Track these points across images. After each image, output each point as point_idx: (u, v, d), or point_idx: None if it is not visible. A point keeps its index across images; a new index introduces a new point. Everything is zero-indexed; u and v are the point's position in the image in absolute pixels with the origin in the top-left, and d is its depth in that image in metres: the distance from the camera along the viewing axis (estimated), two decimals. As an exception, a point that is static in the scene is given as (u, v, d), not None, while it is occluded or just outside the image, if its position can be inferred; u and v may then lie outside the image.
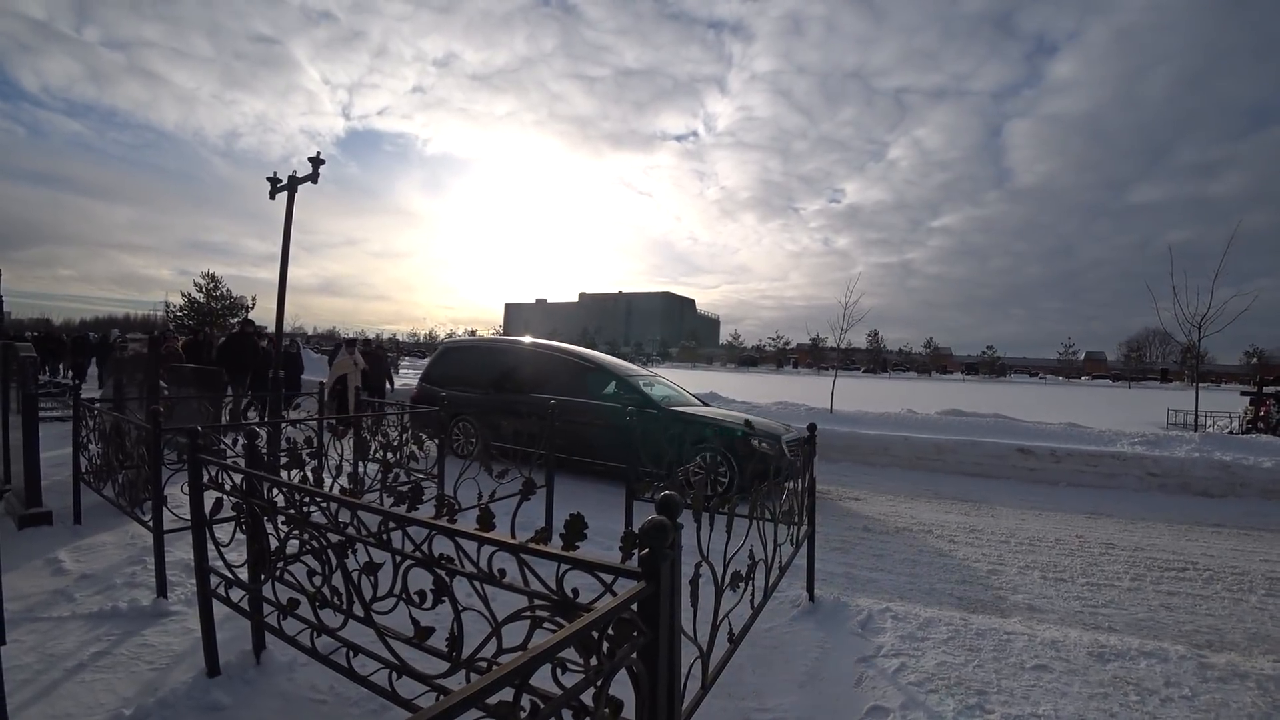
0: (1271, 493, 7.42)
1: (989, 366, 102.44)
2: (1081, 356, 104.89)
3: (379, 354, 12.45)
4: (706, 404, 8.54)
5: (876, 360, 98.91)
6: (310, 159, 8.66)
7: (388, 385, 12.58)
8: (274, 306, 8.81)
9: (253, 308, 35.59)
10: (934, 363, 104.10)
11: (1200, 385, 15.29)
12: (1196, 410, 14.20)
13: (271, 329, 9.51)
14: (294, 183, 8.63)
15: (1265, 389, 16.13)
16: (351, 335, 13.16)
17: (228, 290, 37.53)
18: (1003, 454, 8.71)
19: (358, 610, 2.06)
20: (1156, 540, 5.64)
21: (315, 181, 8.73)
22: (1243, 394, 17.19)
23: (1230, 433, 13.53)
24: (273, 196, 8.82)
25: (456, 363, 9.33)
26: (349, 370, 10.33)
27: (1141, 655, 3.18)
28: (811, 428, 4.17)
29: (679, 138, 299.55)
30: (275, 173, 8.82)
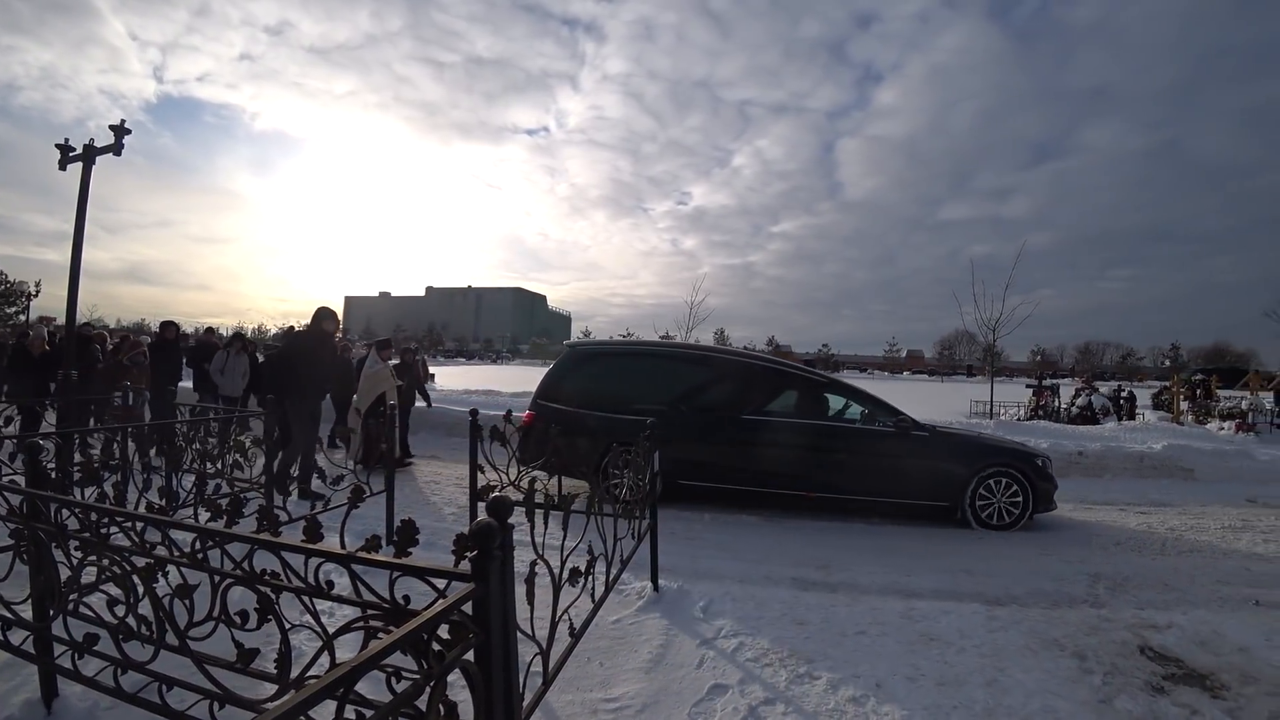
0: (1045, 469, 8.75)
1: (824, 363, 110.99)
2: (904, 354, 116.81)
3: (409, 360, 9.40)
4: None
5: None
6: (113, 127, 7.62)
7: (422, 402, 9.79)
8: (64, 294, 7.63)
9: (36, 295, 30.66)
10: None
11: (996, 379, 17.68)
12: (992, 400, 16.44)
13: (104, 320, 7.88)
14: (91, 152, 7.56)
15: (1044, 382, 19.04)
16: (383, 336, 9.23)
17: (1, 273, 32.07)
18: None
19: (171, 639, 1.88)
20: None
21: (118, 153, 7.69)
22: (1027, 386, 20.06)
23: (1018, 419, 15.73)
24: (63, 167, 7.65)
25: (600, 374, 6.94)
26: (388, 386, 7.62)
27: (942, 614, 3.67)
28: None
29: (530, 132, 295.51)
30: (67, 139, 7.64)
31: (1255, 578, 4.74)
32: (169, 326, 9.52)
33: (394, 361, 8.51)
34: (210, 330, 12.46)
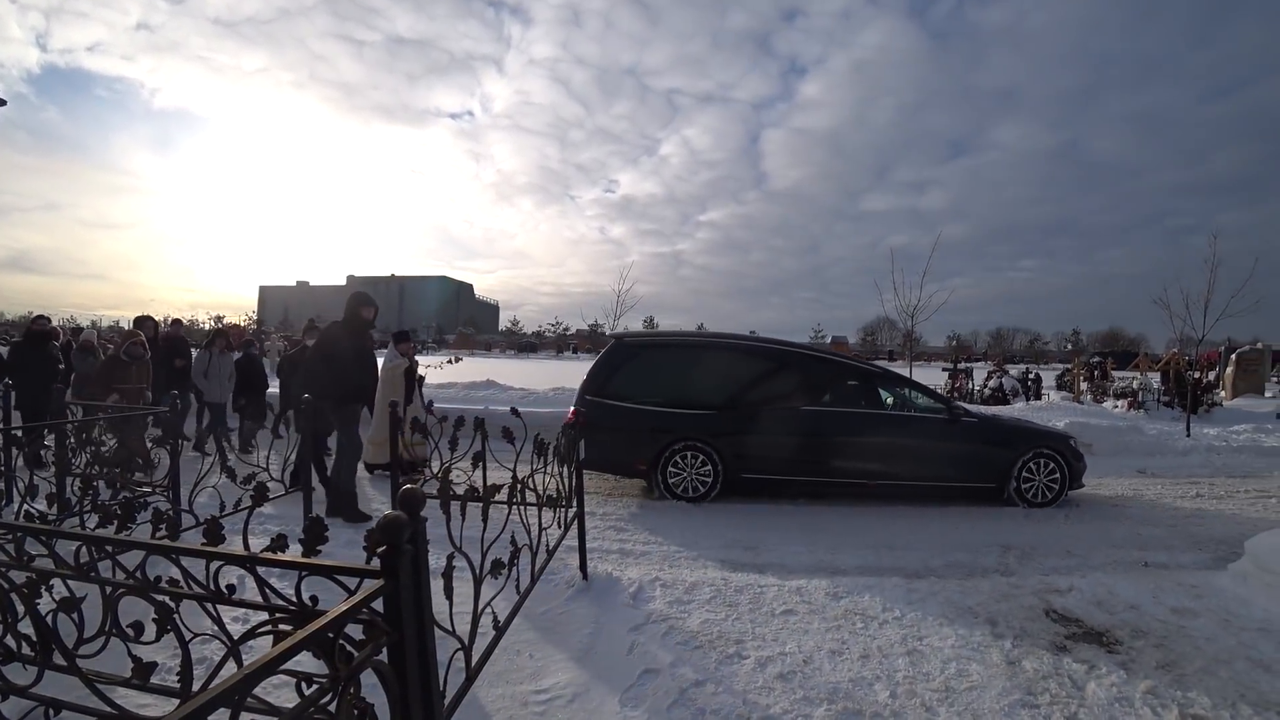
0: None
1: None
2: (829, 340, 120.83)
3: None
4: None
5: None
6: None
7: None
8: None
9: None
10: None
11: (915, 363, 18.48)
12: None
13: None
14: (-38, 135, 6.84)
15: (959, 366, 20.04)
16: (401, 328, 7.72)
17: None
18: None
19: (58, 659, 1.74)
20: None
21: (-7, 135, 6.98)
22: (944, 369, 21.07)
23: (936, 401, 16.51)
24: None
25: (652, 368, 6.64)
26: (409, 383, 6.93)
27: (866, 590, 3.80)
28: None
29: (454, 116, 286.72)
30: (-68, 116, 6.91)
31: (1144, 541, 5.16)
32: (146, 322, 7.89)
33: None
34: (178, 323, 10.18)
